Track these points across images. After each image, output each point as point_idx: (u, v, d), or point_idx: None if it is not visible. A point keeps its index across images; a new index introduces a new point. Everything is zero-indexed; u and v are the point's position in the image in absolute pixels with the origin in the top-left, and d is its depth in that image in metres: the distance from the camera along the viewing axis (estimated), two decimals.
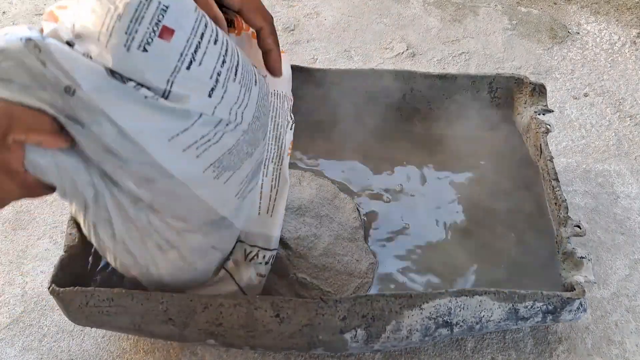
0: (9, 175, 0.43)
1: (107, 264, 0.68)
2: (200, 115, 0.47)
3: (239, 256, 0.59)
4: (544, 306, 0.58)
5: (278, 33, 0.56)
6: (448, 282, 0.67)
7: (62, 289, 0.57)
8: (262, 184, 0.58)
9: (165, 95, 0.45)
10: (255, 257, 0.58)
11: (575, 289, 0.58)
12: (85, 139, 0.45)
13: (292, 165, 0.80)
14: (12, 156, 0.43)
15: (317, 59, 1.07)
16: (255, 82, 0.53)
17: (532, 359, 0.64)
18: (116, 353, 0.66)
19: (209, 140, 0.48)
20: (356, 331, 0.57)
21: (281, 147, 0.59)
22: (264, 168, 0.58)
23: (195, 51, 0.46)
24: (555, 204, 0.67)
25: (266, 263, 0.59)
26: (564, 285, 0.61)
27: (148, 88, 0.44)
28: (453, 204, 0.75)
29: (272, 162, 0.59)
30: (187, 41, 0.46)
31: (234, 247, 0.59)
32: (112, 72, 0.43)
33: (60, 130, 0.44)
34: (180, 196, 0.50)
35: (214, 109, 0.48)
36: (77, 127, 0.44)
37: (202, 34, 0.47)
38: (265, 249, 0.58)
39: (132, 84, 0.44)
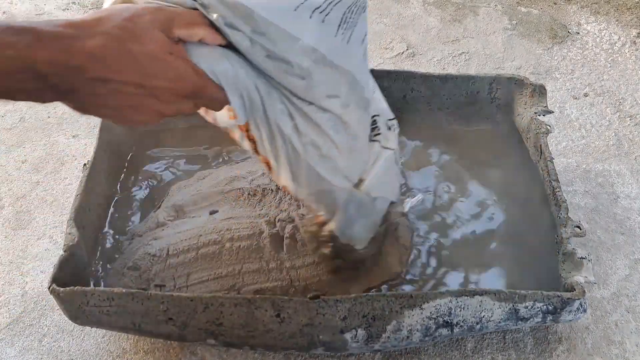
0: (183, 60, 0.45)
1: (107, 263, 0.68)
2: None
3: (384, 129, 0.61)
4: (544, 306, 0.58)
5: None
6: (448, 282, 0.67)
7: (62, 289, 0.57)
8: None
9: None
10: (393, 126, 0.62)
11: (575, 290, 0.58)
12: (235, 36, 0.47)
13: None
14: (179, 48, 0.45)
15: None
16: None
17: (532, 359, 0.64)
18: (116, 353, 0.66)
19: (330, 3, 0.49)
20: (356, 331, 0.57)
21: None
22: None
23: None
24: (556, 204, 0.67)
25: (392, 129, 0.63)
26: (564, 286, 0.61)
27: None
28: (452, 205, 0.75)
29: None
30: None
31: (377, 123, 0.61)
32: None
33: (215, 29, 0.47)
34: (325, 71, 0.51)
35: None
36: (227, 29, 0.46)
37: None
38: (394, 118, 0.63)
39: None
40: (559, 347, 0.65)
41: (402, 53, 1.09)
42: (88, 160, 0.71)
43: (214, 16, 0.46)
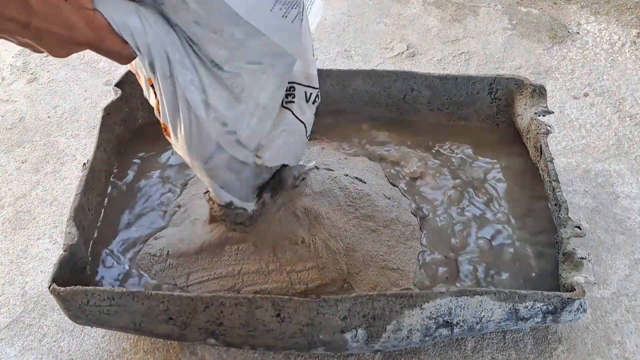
0: (78, 11, 0.43)
1: (108, 264, 0.68)
2: None
3: (302, 99, 0.61)
4: (544, 306, 0.58)
5: None
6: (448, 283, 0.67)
7: (62, 288, 0.57)
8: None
9: None
10: (317, 98, 0.62)
11: (575, 290, 0.58)
12: None
13: None
14: None
15: (317, 58, 1.07)
16: None
17: (532, 359, 0.64)
18: (116, 353, 0.66)
19: None
20: (357, 331, 0.57)
21: None
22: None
23: None
24: (556, 205, 0.67)
25: (315, 102, 0.63)
26: (564, 286, 0.61)
27: None
28: (452, 205, 0.75)
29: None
30: None
31: (294, 90, 0.61)
32: None
33: None
34: (255, 42, 0.51)
35: None
36: None
37: None
38: (317, 88, 0.62)
39: None
40: (559, 347, 0.65)
41: (402, 53, 1.09)
42: (88, 160, 0.71)
43: None
